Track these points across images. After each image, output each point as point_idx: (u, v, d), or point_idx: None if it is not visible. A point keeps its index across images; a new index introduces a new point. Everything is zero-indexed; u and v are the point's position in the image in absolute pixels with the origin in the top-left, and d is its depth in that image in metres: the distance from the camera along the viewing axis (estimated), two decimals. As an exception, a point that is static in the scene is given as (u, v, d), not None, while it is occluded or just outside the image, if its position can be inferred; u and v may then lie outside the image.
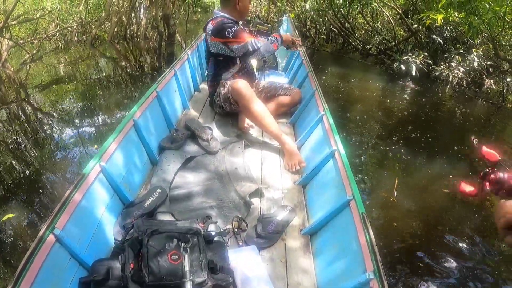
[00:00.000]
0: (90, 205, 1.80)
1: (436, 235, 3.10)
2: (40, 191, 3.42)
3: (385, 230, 3.08)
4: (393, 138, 4.71)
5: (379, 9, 8.90)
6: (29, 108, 5.60)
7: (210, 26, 2.97)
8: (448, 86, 7.05)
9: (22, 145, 4.35)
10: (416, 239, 3.04)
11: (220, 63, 3.09)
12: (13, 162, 3.96)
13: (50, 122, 5.06)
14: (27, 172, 3.78)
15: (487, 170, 0.89)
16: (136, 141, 2.42)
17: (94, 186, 1.86)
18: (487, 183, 0.88)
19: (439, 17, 5.30)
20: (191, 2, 10.85)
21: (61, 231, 1.50)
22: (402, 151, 4.37)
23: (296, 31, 5.29)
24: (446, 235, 3.10)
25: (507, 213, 0.75)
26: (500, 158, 0.92)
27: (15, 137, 4.55)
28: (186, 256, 1.49)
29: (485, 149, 0.94)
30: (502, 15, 5.35)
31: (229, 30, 2.87)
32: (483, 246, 3.01)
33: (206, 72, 3.35)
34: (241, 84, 2.89)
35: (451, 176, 3.87)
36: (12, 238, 2.90)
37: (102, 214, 1.88)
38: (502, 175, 0.85)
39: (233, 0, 3.01)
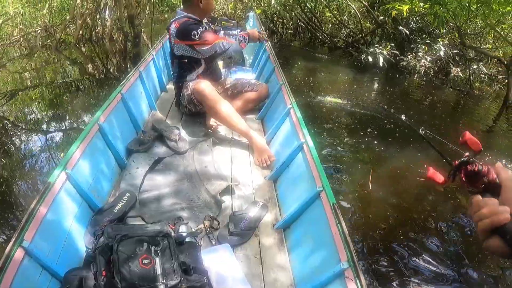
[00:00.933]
0: (58, 214, 1.76)
1: (411, 223, 3.15)
2: (8, 203, 3.33)
3: (359, 221, 3.11)
4: (364, 130, 4.76)
5: (345, 2, 8.99)
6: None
7: (173, 27, 2.91)
8: (416, 75, 7.20)
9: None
10: (391, 228, 3.08)
11: (184, 65, 3.05)
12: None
13: (16, 131, 4.93)
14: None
15: (465, 160, 0.82)
16: (103, 146, 2.38)
17: (61, 194, 1.82)
18: (463, 175, 0.81)
19: (405, 8, 5.38)
20: (156, 1, 10.70)
21: (30, 243, 1.47)
22: (375, 141, 4.44)
23: (263, 27, 5.28)
24: (420, 223, 3.15)
25: (492, 213, 0.66)
26: (481, 149, 0.84)
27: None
28: (157, 260, 1.47)
29: (468, 135, 0.86)
30: (467, 4, 5.46)
31: (195, 32, 2.83)
32: (456, 234, 3.08)
33: (172, 72, 3.31)
34: (203, 86, 2.88)
35: (425, 166, 3.91)
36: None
37: (71, 222, 1.84)
38: (481, 167, 0.78)
39: None
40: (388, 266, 2.70)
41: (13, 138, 4.71)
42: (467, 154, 0.84)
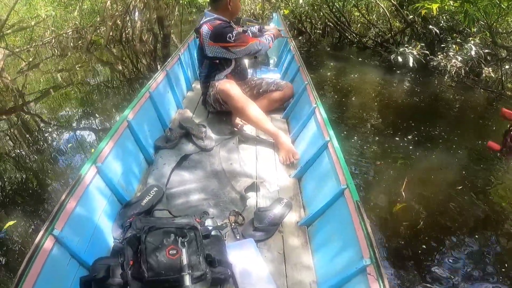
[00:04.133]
0: (88, 206, 1.81)
1: (440, 228, 3.11)
2: (40, 197, 3.45)
3: (385, 222, 3.10)
4: (393, 130, 4.72)
5: (374, 1, 8.90)
6: (28, 116, 5.62)
7: (206, 29, 2.92)
8: (446, 76, 7.04)
9: (23, 153, 4.38)
10: (417, 233, 3.04)
11: (215, 65, 3.09)
12: (13, 170, 3.99)
13: (49, 129, 5.08)
14: (27, 179, 3.80)
15: (509, 127, 0.99)
16: (131, 142, 2.44)
17: (91, 186, 1.87)
18: (509, 138, 0.97)
19: (434, 7, 5.29)
20: (185, 3, 10.83)
21: (60, 232, 1.51)
22: (402, 143, 4.38)
23: (287, 28, 5.28)
24: (450, 228, 3.11)
25: None
26: None
27: (15, 145, 4.58)
28: (184, 251, 1.50)
29: (504, 110, 1.01)
30: (498, 2, 5.33)
31: (230, 35, 2.87)
32: (487, 241, 3.02)
33: (199, 72, 3.35)
34: (229, 86, 2.92)
35: (463, 171, 3.85)
36: (14, 245, 2.92)
37: (100, 214, 1.89)
38: None
39: (225, 2, 2.98)
40: (410, 270, 2.68)
41: (46, 135, 4.86)
42: (510, 125, 1.00)
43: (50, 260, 1.43)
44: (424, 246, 2.88)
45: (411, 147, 4.30)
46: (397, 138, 4.47)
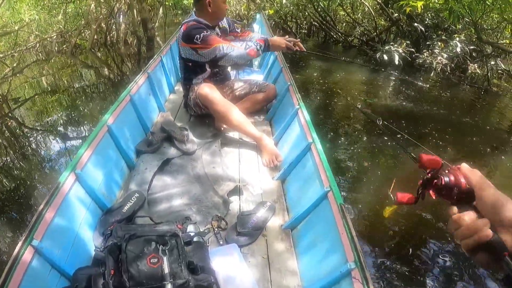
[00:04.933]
0: (67, 214, 1.77)
1: (428, 230, 3.11)
2: (21, 205, 3.41)
3: (369, 224, 3.09)
4: (379, 130, 4.70)
5: (359, 0, 8.93)
6: (12, 122, 5.55)
7: (182, 30, 2.92)
8: (432, 73, 7.09)
9: (4, 159, 4.31)
10: (403, 235, 3.05)
11: (190, 68, 3.05)
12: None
13: (34, 135, 5.03)
14: (7, 186, 3.74)
15: (428, 177, 0.79)
16: (111, 147, 2.40)
17: (70, 194, 1.84)
18: (432, 191, 0.77)
19: (419, 4, 5.32)
20: (170, 4, 10.78)
21: (40, 242, 1.49)
22: (390, 142, 4.37)
23: (271, 29, 5.26)
24: (438, 230, 3.10)
25: (473, 231, 0.63)
26: (442, 162, 0.78)
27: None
28: (165, 259, 1.48)
29: (425, 157, 0.80)
30: (482, -2, 5.38)
31: (198, 36, 2.80)
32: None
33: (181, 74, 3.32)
34: (208, 90, 2.88)
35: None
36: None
37: (80, 222, 1.86)
38: (447, 178, 0.73)
39: (203, 3, 2.92)
40: (397, 273, 2.67)
41: (29, 141, 4.80)
42: (428, 172, 0.79)
43: (30, 271, 1.40)
44: (411, 249, 2.88)
45: (398, 146, 4.28)
46: (385, 138, 4.46)
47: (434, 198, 0.77)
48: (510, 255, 0.60)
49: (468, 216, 0.66)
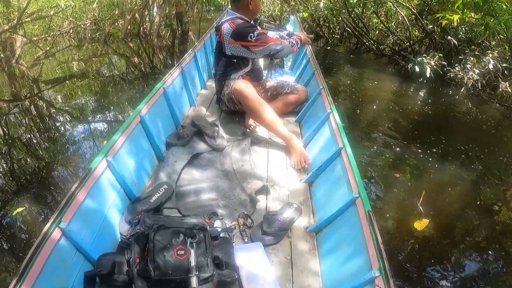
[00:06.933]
0: (96, 200, 1.79)
1: (455, 244, 3.06)
2: (51, 185, 3.46)
3: (399, 232, 3.06)
4: (408, 141, 4.67)
5: (394, 9, 8.83)
6: (42, 103, 5.66)
7: (227, 27, 2.89)
8: (462, 88, 6.96)
9: (34, 140, 4.40)
10: (433, 244, 3.00)
11: (232, 64, 3.06)
12: (25, 157, 4.00)
13: (62, 118, 5.11)
14: (39, 167, 3.82)
15: None
16: (143, 137, 2.43)
17: (100, 180, 1.86)
18: None
19: (455, 18, 5.25)
20: (204, 0, 10.83)
21: (67, 225, 1.50)
22: (419, 154, 4.33)
23: (304, 31, 5.27)
24: (466, 245, 3.06)
25: None
26: None
27: (27, 132, 4.60)
28: (192, 252, 1.49)
29: None
30: (520, 16, 5.27)
31: (252, 34, 2.85)
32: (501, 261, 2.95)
33: (213, 70, 3.35)
34: (244, 86, 2.89)
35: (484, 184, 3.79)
36: (21, 232, 2.93)
37: (108, 208, 1.88)
38: None
39: (246, 1, 2.96)
40: (421, 285, 2.64)
41: (58, 124, 4.88)
42: None
43: (56, 251, 1.42)
44: (438, 262, 2.82)
45: (427, 158, 4.24)
46: (413, 149, 4.41)
47: None
48: None
49: None
